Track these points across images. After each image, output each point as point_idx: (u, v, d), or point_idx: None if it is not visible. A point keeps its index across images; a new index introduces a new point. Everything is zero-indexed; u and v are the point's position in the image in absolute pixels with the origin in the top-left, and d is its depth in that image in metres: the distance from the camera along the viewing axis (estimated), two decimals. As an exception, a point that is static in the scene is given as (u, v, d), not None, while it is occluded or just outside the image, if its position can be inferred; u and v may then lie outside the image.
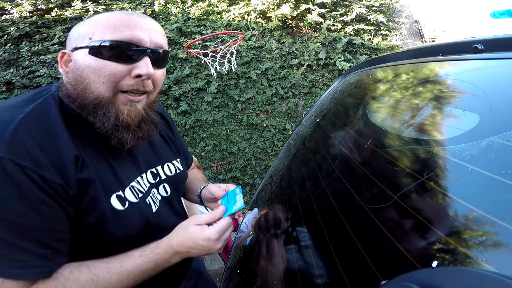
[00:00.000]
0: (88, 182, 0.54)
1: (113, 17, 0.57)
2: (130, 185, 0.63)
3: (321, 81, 3.84)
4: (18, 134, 0.48)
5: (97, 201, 0.56)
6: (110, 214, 0.57)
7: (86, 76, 0.55)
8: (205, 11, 3.63)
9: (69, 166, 0.52)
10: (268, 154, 3.67)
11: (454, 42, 0.67)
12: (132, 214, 0.61)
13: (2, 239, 0.47)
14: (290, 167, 1.07)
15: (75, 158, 0.53)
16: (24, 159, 0.46)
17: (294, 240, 0.65)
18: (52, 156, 0.50)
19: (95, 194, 0.55)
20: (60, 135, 0.53)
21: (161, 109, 0.85)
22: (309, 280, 0.51)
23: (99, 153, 0.59)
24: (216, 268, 2.66)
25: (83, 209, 0.54)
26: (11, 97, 3.05)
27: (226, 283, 0.88)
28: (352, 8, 3.89)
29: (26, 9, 3.12)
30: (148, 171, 0.71)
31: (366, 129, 0.69)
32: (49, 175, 0.49)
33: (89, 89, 0.55)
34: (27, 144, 0.48)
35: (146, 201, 0.66)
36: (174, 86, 3.31)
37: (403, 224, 0.39)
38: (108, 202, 0.58)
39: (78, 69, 0.55)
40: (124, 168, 0.64)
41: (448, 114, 0.48)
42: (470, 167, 0.36)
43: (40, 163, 0.48)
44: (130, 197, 0.62)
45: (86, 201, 0.54)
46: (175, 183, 0.78)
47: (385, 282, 0.32)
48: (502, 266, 0.26)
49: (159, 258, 0.60)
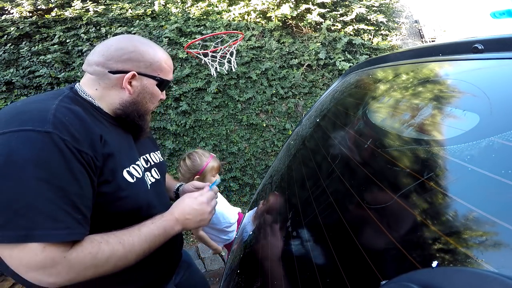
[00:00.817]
0: (109, 156, 0.68)
1: (169, 61, 0.83)
2: (134, 164, 0.78)
3: (321, 81, 3.84)
4: (58, 117, 0.60)
5: (115, 173, 0.69)
6: (124, 184, 0.70)
7: (149, 98, 0.80)
8: (205, 11, 3.63)
9: (96, 142, 0.65)
10: (268, 154, 3.67)
11: (454, 42, 0.67)
12: (139, 186, 0.75)
13: (50, 200, 0.55)
14: (290, 167, 1.07)
15: (100, 136, 0.66)
16: (65, 135, 0.58)
17: (294, 240, 0.65)
18: (83, 134, 0.62)
19: (114, 167, 0.69)
20: (86, 120, 0.66)
21: None
22: (309, 280, 0.51)
23: (116, 136, 0.75)
24: (216, 268, 2.65)
25: (103, 180, 0.66)
26: (11, 97, 3.02)
27: (226, 283, 0.88)
28: (352, 8, 3.89)
29: (26, 9, 3.12)
30: (142, 157, 0.87)
31: (366, 129, 0.69)
32: (83, 148, 0.61)
33: (145, 106, 0.80)
34: (66, 124, 0.60)
35: (144, 178, 0.80)
36: (174, 86, 3.31)
37: (403, 224, 0.39)
38: (122, 174, 0.71)
39: (146, 92, 0.79)
40: (130, 151, 0.80)
41: (448, 114, 0.48)
42: (470, 167, 0.36)
43: (77, 138, 0.60)
44: (135, 173, 0.76)
45: (106, 173, 0.66)
46: (161, 169, 0.94)
47: (385, 282, 0.32)
48: (502, 266, 0.26)
49: (167, 225, 0.74)
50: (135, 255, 0.66)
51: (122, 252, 0.63)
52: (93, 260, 0.59)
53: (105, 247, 0.61)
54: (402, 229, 0.39)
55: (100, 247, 0.60)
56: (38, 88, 3.06)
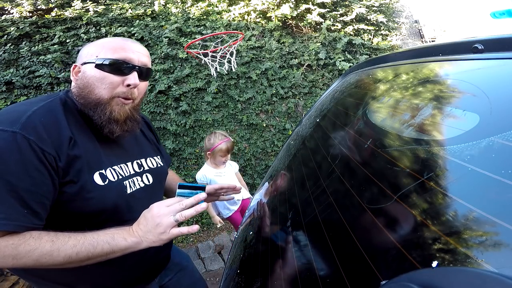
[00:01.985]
0: (76, 158, 0.71)
1: (113, 41, 0.79)
2: (111, 167, 0.79)
3: (321, 81, 3.84)
4: (31, 119, 0.66)
5: (81, 174, 0.71)
6: (90, 186, 0.72)
7: (92, 83, 0.76)
8: (205, 11, 3.63)
9: (63, 144, 0.69)
10: (268, 154, 3.67)
11: (454, 42, 0.67)
12: (110, 190, 0.76)
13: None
14: (290, 167, 1.07)
15: (69, 138, 0.70)
16: (31, 135, 0.64)
17: (294, 240, 0.65)
18: (52, 135, 0.67)
19: (80, 168, 0.71)
20: (61, 122, 0.71)
21: (146, 118, 1.09)
22: (309, 280, 0.51)
23: (90, 139, 0.77)
24: (216, 268, 2.65)
25: (69, 180, 0.69)
26: (11, 97, 3.03)
27: (226, 283, 0.88)
28: (352, 8, 3.89)
29: (26, 9, 3.12)
30: (134, 161, 0.88)
31: (366, 129, 0.69)
32: (46, 148, 0.65)
33: (93, 92, 0.76)
34: (36, 125, 0.66)
35: (123, 183, 0.81)
36: (174, 86, 3.31)
37: (403, 224, 0.39)
38: (91, 177, 0.73)
39: (86, 77, 0.76)
40: (110, 154, 0.81)
41: (448, 114, 0.48)
42: (470, 167, 0.36)
43: (43, 139, 0.65)
44: (109, 176, 0.78)
45: (72, 173, 0.70)
46: (157, 175, 0.94)
47: (385, 282, 0.32)
48: (502, 266, 0.26)
49: (116, 232, 0.71)
50: (63, 256, 0.65)
51: (48, 250, 0.64)
52: (13, 251, 0.62)
53: (31, 242, 0.63)
54: (402, 229, 0.39)
55: (27, 241, 0.63)
56: (38, 88, 3.06)
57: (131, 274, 0.86)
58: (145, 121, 1.05)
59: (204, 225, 3.29)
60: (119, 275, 0.84)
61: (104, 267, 0.75)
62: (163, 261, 0.97)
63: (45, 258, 0.64)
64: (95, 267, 0.72)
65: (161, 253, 0.94)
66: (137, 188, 0.84)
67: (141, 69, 0.80)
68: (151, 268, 0.92)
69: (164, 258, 0.97)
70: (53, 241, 0.65)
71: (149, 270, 0.91)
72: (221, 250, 2.91)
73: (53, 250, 0.64)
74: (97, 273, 0.79)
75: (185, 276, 1.11)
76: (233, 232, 3.00)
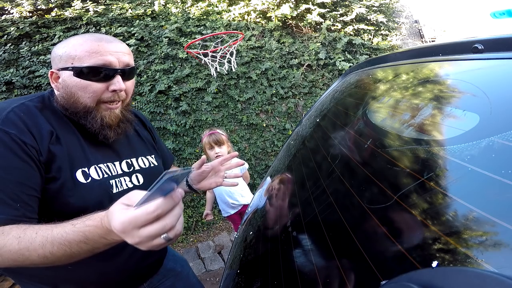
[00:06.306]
0: (57, 154, 0.69)
1: (86, 44, 0.72)
2: (97, 165, 0.77)
3: (321, 81, 3.84)
4: (11, 115, 0.67)
5: (62, 170, 0.70)
6: (72, 184, 0.70)
7: (75, 92, 0.73)
8: (205, 11, 3.63)
9: (44, 137, 0.69)
10: (268, 154, 3.67)
11: (454, 42, 0.67)
12: (93, 188, 0.74)
13: None
14: (290, 167, 1.07)
15: (50, 132, 0.70)
16: (11, 129, 0.65)
17: (294, 240, 0.65)
18: (32, 128, 0.67)
19: (62, 165, 0.70)
20: (40, 118, 0.71)
21: (140, 114, 1.03)
22: (309, 280, 0.51)
23: (74, 136, 0.76)
24: (216, 268, 2.65)
25: (52, 176, 0.68)
26: (11, 97, 3.05)
27: (226, 283, 0.88)
28: (352, 8, 3.89)
29: (26, 9, 3.12)
30: (123, 161, 0.85)
31: (366, 129, 0.69)
32: (28, 140, 0.65)
33: (79, 101, 0.73)
34: (16, 121, 0.66)
35: (109, 182, 0.78)
36: (174, 86, 3.31)
37: (403, 224, 0.39)
38: (73, 174, 0.72)
39: (68, 86, 0.73)
40: (96, 153, 0.79)
41: (448, 114, 0.48)
42: (470, 167, 0.36)
43: (23, 131, 0.66)
44: (93, 174, 0.75)
45: (54, 170, 0.69)
46: (148, 175, 0.89)
47: (385, 282, 0.32)
48: (502, 266, 0.26)
49: (88, 231, 0.56)
50: (36, 255, 0.57)
51: (17, 248, 0.56)
52: None
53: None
54: (402, 229, 0.39)
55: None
56: (38, 88, 3.06)
57: (116, 277, 0.83)
58: (139, 118, 1.01)
59: (204, 225, 3.29)
60: (103, 277, 0.80)
61: (87, 268, 0.72)
62: (153, 266, 0.93)
63: (16, 256, 0.57)
64: (77, 267, 0.69)
65: (150, 258, 0.89)
66: (125, 188, 0.81)
67: (123, 71, 0.75)
68: (137, 273, 0.87)
69: (154, 263, 0.93)
70: (20, 238, 0.57)
71: (135, 275, 0.87)
72: (221, 250, 2.91)
73: (21, 249, 0.57)
74: (80, 274, 0.76)
75: (180, 281, 1.06)
76: (233, 232, 3.00)
